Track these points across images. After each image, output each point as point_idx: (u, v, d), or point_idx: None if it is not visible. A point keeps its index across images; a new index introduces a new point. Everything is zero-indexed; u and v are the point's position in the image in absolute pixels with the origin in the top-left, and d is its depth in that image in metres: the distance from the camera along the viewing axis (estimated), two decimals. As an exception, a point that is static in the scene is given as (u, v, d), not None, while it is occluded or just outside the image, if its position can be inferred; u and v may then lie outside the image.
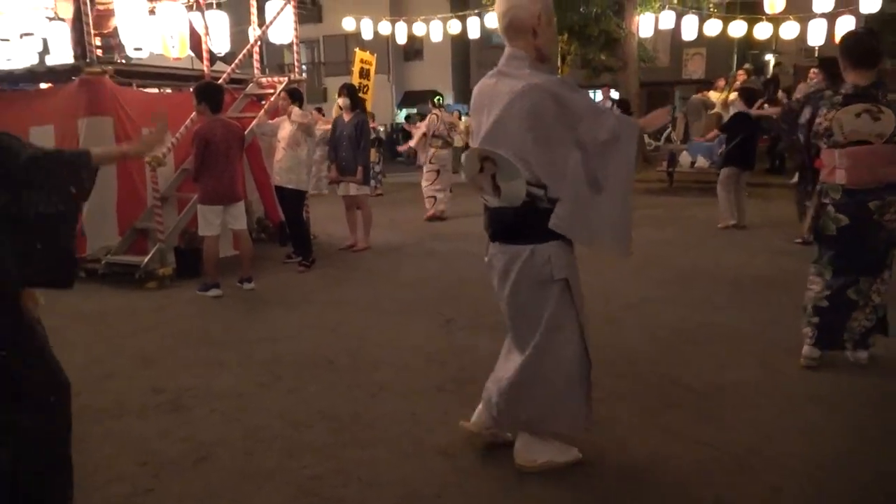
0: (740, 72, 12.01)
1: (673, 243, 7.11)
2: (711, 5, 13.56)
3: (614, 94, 14.35)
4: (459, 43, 21.56)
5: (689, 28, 12.14)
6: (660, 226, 8.14)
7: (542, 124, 2.29)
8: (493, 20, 13.17)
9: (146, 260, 5.71)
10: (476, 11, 13.67)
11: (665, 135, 14.06)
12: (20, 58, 6.78)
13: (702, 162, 10.92)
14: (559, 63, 13.83)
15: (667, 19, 12.37)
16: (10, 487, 1.92)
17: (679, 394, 3.27)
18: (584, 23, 13.60)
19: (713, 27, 12.00)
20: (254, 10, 7.69)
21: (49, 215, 1.85)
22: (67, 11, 6.57)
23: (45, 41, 6.94)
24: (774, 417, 3.00)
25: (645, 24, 12.90)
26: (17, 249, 1.81)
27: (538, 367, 2.45)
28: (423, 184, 9.29)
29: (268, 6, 7.73)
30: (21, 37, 6.63)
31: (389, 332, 4.38)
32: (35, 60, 6.89)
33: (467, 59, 25.68)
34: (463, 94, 25.71)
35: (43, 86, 7.13)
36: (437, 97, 9.54)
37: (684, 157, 11.42)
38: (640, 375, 3.49)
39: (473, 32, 13.74)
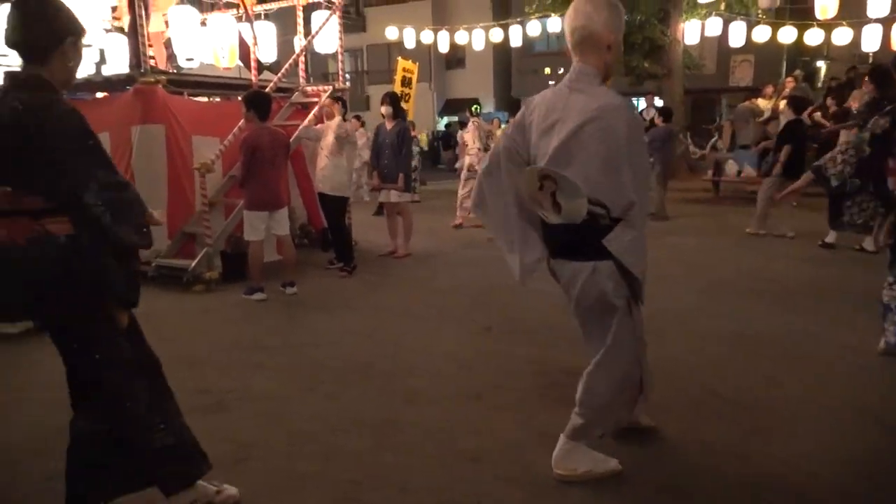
0: (789, 79, 11.71)
1: (712, 252, 6.98)
2: (760, 11, 13.23)
3: (658, 102, 14.15)
4: (501, 51, 21.64)
5: (737, 34, 11.89)
6: (701, 235, 8.00)
7: (613, 147, 2.26)
8: (535, 28, 13.21)
9: (194, 264, 5.87)
10: (518, 20, 13.69)
11: (711, 143, 13.78)
12: (79, 68, 7.08)
13: (748, 171, 10.68)
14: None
15: (713, 26, 12.13)
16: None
17: (718, 405, 3.21)
18: (627, 30, 13.41)
19: (762, 33, 11.68)
20: (300, 21, 7.87)
21: (133, 245, 2.10)
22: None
23: (101, 52, 7.23)
24: (817, 430, 2.92)
25: (691, 31, 12.67)
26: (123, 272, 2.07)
27: (599, 377, 2.48)
28: (460, 192, 9.31)
29: (314, 16, 7.90)
30: (80, 48, 6.93)
31: (424, 338, 4.42)
32: (92, 71, 7.18)
33: (509, 67, 25.72)
34: (504, 102, 25.74)
35: (99, 95, 7.44)
36: (475, 106, 9.71)
37: (730, 166, 11.18)
38: (678, 386, 3.44)
39: (515, 40, 13.76)
